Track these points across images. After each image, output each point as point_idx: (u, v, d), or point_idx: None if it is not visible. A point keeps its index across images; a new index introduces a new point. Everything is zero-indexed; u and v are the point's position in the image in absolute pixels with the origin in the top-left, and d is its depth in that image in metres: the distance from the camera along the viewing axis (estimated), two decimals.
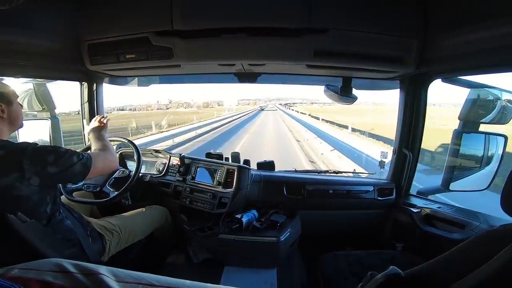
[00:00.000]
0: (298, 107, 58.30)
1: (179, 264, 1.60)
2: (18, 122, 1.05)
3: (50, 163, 0.92)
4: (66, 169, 0.96)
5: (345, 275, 1.24)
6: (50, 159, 0.92)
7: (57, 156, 0.94)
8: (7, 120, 0.99)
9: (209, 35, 1.21)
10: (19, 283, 0.44)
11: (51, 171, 0.93)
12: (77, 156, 1.00)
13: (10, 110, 1.00)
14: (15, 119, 1.02)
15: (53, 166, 0.93)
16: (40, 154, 0.92)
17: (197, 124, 18.82)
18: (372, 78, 1.60)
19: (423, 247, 1.36)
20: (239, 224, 1.47)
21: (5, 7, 0.68)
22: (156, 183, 1.77)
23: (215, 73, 1.77)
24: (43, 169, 0.91)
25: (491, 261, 0.52)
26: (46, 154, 0.93)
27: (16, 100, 1.03)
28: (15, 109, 1.02)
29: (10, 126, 1.01)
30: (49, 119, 1.77)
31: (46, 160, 0.92)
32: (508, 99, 1.35)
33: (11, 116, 1.00)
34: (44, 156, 0.92)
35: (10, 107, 1.00)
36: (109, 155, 1.19)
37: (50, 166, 0.92)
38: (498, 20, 0.91)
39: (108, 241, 1.22)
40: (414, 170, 1.60)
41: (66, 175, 0.98)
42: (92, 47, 1.38)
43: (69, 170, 0.97)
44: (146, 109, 53.37)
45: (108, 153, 1.20)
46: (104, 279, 0.50)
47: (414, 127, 1.55)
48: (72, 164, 0.98)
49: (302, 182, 1.70)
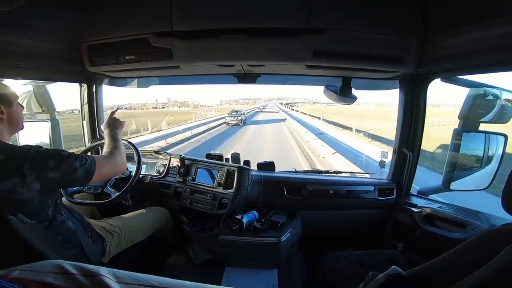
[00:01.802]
0: (300, 107, 57.32)
1: (180, 265, 1.60)
2: (18, 124, 1.04)
3: (51, 168, 0.90)
4: (68, 174, 0.94)
5: (346, 275, 1.24)
6: (51, 164, 0.90)
7: (58, 161, 0.92)
8: (7, 122, 0.98)
9: (209, 36, 1.21)
10: (20, 285, 0.44)
11: (52, 176, 0.90)
12: (79, 160, 0.96)
13: (10, 112, 0.98)
14: (15, 121, 1.01)
15: (54, 171, 0.90)
16: (41, 159, 0.89)
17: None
18: (372, 78, 1.60)
19: (424, 247, 1.35)
20: (240, 225, 1.47)
21: (5, 8, 0.68)
22: (157, 184, 1.77)
23: (215, 74, 1.78)
24: (44, 174, 0.89)
25: (492, 261, 0.52)
26: (48, 158, 0.90)
27: (16, 102, 1.02)
28: (15, 111, 1.01)
29: (10, 128, 1.00)
30: (48, 120, 1.77)
31: (47, 165, 0.89)
32: (507, 98, 1.36)
33: (10, 118, 0.99)
34: (45, 161, 0.90)
35: (10, 108, 0.99)
36: (119, 157, 1.14)
37: (51, 171, 0.90)
38: (497, 20, 0.91)
39: (108, 242, 1.22)
40: (414, 169, 1.60)
41: (68, 180, 0.95)
42: (91, 48, 1.38)
43: (71, 175, 0.94)
44: (141, 108, 53.27)
45: (118, 155, 1.14)
46: (104, 280, 0.50)
47: (414, 127, 1.55)
48: (75, 169, 0.95)
49: (302, 183, 1.70)
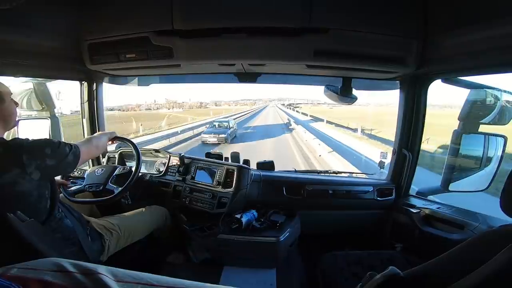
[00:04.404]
0: (304, 108, 55.28)
1: (179, 264, 1.60)
2: (11, 121, 1.03)
3: (49, 156, 0.94)
4: (62, 160, 0.99)
5: (344, 275, 1.24)
6: (48, 152, 0.95)
7: (53, 148, 0.97)
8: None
9: (209, 35, 1.21)
10: (18, 283, 0.44)
11: (50, 163, 0.95)
12: (68, 146, 1.03)
13: (2, 108, 0.99)
14: (7, 117, 1.01)
15: (51, 158, 0.95)
16: (38, 148, 0.93)
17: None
18: (372, 78, 1.60)
19: (422, 248, 1.36)
20: (239, 224, 1.47)
21: (5, 6, 0.68)
22: (156, 183, 1.77)
23: (215, 73, 1.78)
24: (43, 162, 0.93)
25: (490, 262, 0.52)
26: (44, 146, 0.95)
27: (9, 98, 1.02)
28: (7, 107, 1.01)
29: (3, 124, 1.00)
30: (48, 118, 1.77)
31: (45, 152, 0.94)
32: (507, 100, 1.35)
33: (2, 114, 0.99)
34: (42, 149, 0.94)
35: (2, 105, 0.99)
36: (95, 141, 1.24)
37: (48, 159, 0.94)
38: (498, 21, 0.91)
39: (107, 240, 1.22)
40: (413, 170, 1.60)
41: (62, 166, 1.01)
42: (92, 47, 1.38)
43: (65, 161, 1.00)
44: (134, 109, 53.04)
45: (94, 140, 1.24)
46: (103, 279, 0.50)
47: (414, 128, 1.55)
48: (66, 155, 1.01)
49: (301, 182, 1.70)
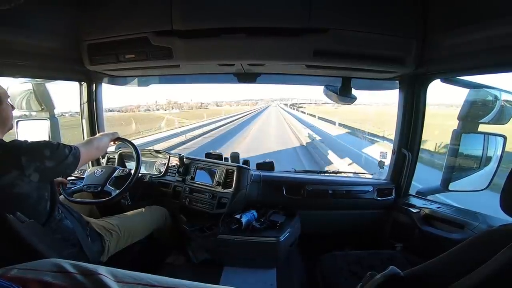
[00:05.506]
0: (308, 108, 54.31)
1: (179, 265, 1.60)
2: (7, 123, 1.02)
3: (48, 158, 0.93)
4: (62, 162, 0.98)
5: (344, 275, 1.24)
6: (47, 153, 0.94)
7: (52, 149, 0.96)
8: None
9: (209, 35, 1.21)
10: (18, 283, 0.44)
11: (49, 165, 0.94)
12: (68, 148, 1.02)
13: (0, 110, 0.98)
14: (5, 120, 1.00)
15: (50, 160, 0.94)
16: (37, 149, 0.93)
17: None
18: (372, 78, 1.60)
19: (422, 247, 1.36)
20: (239, 224, 1.47)
21: (5, 7, 0.68)
22: (156, 183, 1.77)
23: (215, 73, 1.78)
24: (42, 164, 0.92)
25: (490, 261, 0.52)
26: (43, 148, 0.94)
27: (5, 100, 1.01)
28: (4, 109, 1.00)
29: (1, 126, 0.99)
30: (48, 119, 1.77)
31: (44, 154, 0.93)
32: (507, 99, 1.36)
33: (0, 116, 0.98)
34: (40, 151, 0.93)
35: (0, 106, 0.98)
36: (96, 143, 1.23)
37: (47, 161, 0.93)
38: (497, 20, 0.91)
39: (107, 241, 1.22)
40: (413, 170, 1.60)
41: (62, 168, 1.00)
42: (91, 47, 1.38)
43: (64, 163, 0.99)
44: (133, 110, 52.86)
45: (95, 141, 1.24)
46: (103, 279, 0.50)
47: (414, 128, 1.55)
48: (66, 156, 1.00)
49: (301, 182, 1.70)
